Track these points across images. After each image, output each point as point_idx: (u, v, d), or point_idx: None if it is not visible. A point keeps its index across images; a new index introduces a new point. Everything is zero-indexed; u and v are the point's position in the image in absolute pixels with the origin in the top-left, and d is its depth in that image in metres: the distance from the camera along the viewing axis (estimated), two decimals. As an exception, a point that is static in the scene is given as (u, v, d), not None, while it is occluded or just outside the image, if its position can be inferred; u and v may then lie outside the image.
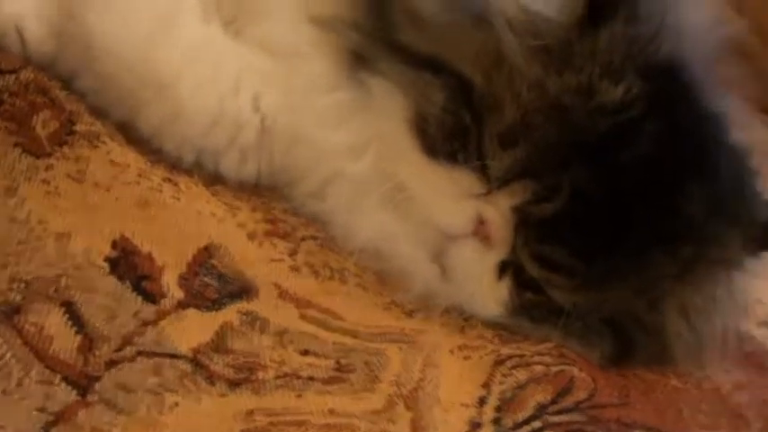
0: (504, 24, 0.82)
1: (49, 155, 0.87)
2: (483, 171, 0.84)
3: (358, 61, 0.89)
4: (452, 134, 0.85)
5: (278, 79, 0.93)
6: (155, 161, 0.93)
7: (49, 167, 0.86)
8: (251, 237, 0.91)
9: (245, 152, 0.95)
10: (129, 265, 0.81)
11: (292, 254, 0.92)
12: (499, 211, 0.84)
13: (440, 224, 0.87)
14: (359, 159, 0.91)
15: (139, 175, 0.89)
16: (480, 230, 0.86)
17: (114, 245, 0.82)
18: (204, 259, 0.85)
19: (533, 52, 0.82)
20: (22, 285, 0.76)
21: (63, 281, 0.77)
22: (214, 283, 0.84)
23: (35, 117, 0.89)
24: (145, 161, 0.92)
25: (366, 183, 0.91)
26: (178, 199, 0.90)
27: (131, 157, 0.91)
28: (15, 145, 0.86)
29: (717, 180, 0.85)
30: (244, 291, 0.85)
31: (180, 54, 0.92)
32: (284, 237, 0.93)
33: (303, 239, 0.94)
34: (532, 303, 0.88)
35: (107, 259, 0.81)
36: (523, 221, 0.83)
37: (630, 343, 0.89)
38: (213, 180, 0.96)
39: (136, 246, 0.83)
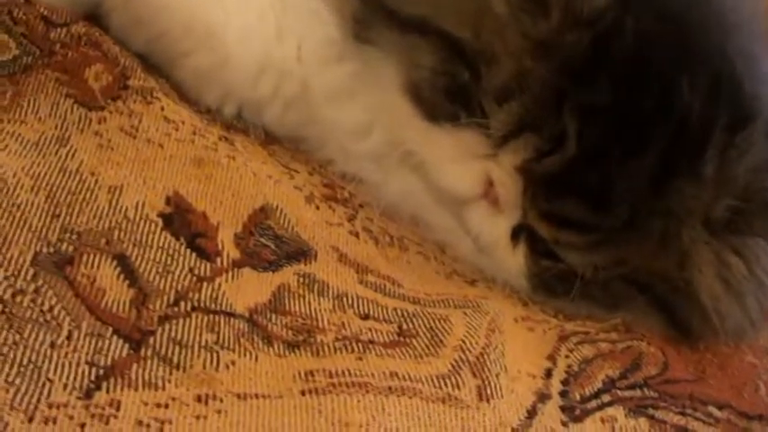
0: None
1: (102, 108, 0.84)
2: (485, 130, 0.80)
3: (358, 29, 0.87)
4: (449, 95, 0.81)
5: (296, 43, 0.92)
6: (210, 120, 0.90)
7: (101, 120, 0.83)
8: (308, 200, 0.87)
9: (289, 103, 0.92)
10: (183, 222, 0.77)
11: (351, 219, 0.88)
12: (506, 171, 0.80)
13: (449, 188, 0.84)
14: (367, 138, 0.90)
15: (194, 133, 0.86)
16: (489, 193, 0.82)
17: (168, 201, 0.78)
18: (260, 220, 0.81)
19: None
20: (74, 236, 0.72)
21: (115, 234, 0.74)
22: (270, 244, 0.80)
23: (87, 70, 0.86)
24: (200, 119, 0.88)
25: (380, 153, 0.89)
26: (233, 158, 0.86)
27: (185, 115, 0.87)
28: (67, 96, 0.83)
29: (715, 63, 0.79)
30: (301, 253, 0.81)
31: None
32: (342, 202, 0.90)
33: (361, 206, 0.90)
34: (549, 272, 0.83)
35: (160, 215, 0.77)
36: (530, 179, 0.80)
37: (670, 308, 0.84)
38: (270, 140, 0.92)
39: (190, 203, 0.79)
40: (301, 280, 0.78)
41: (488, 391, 0.73)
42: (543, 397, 0.76)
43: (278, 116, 0.93)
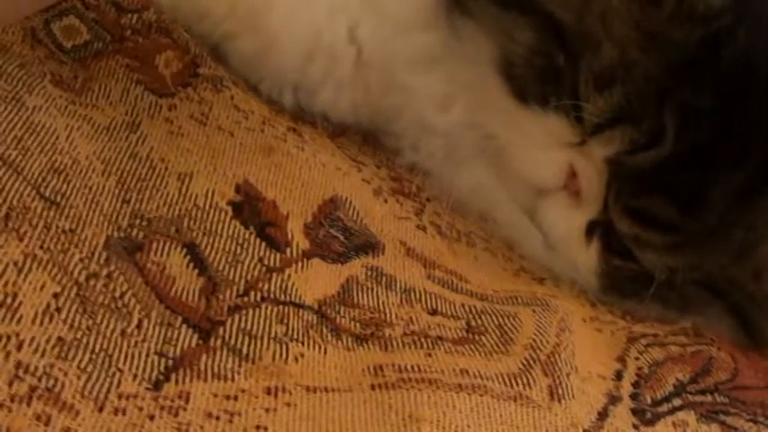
0: None
1: (173, 95, 0.82)
2: (576, 117, 0.77)
3: (453, 1, 0.83)
4: (543, 76, 0.78)
5: (378, 6, 0.87)
6: (278, 110, 0.87)
7: (172, 107, 0.80)
8: (376, 193, 0.85)
9: (341, 87, 0.89)
10: (253, 211, 0.75)
11: (418, 213, 0.86)
12: (592, 162, 0.77)
13: (529, 176, 0.81)
14: (447, 111, 0.85)
15: (263, 123, 0.83)
16: (571, 184, 0.79)
17: (238, 189, 0.76)
18: (330, 211, 0.79)
19: None
20: (144, 223, 0.70)
21: (185, 222, 0.71)
22: (339, 236, 0.77)
23: (158, 56, 0.84)
24: (269, 109, 0.86)
25: (456, 135, 0.85)
26: (302, 149, 0.83)
27: (255, 104, 0.85)
28: (138, 82, 0.81)
29: None
30: (369, 246, 0.78)
31: None
32: (410, 196, 0.87)
33: (429, 200, 0.88)
34: (621, 272, 0.80)
35: (230, 203, 0.75)
36: (617, 173, 0.76)
37: (744, 316, 0.81)
38: (339, 132, 0.90)
39: (260, 192, 0.77)
40: (369, 273, 0.75)
41: (560, 391, 0.70)
42: (614, 399, 0.73)
43: (331, 100, 0.89)
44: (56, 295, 0.61)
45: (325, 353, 0.67)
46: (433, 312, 0.74)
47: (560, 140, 0.78)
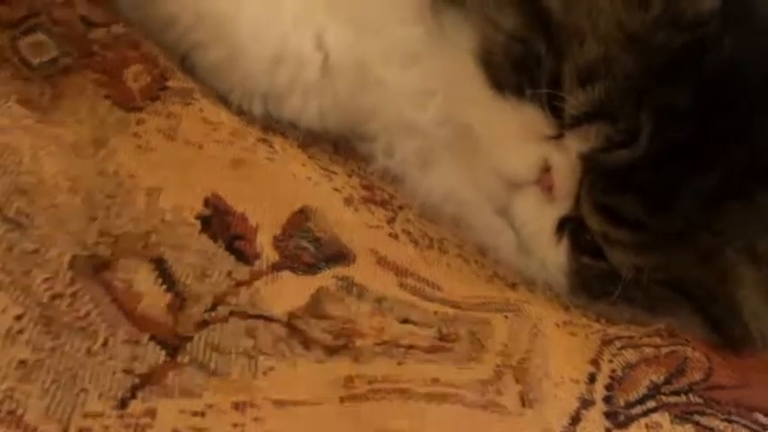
0: None
1: (141, 109, 0.81)
2: (552, 110, 0.76)
3: None
4: (520, 64, 0.77)
5: (347, 9, 0.86)
6: (249, 121, 0.86)
7: (140, 121, 0.80)
8: (347, 202, 0.84)
9: (308, 93, 0.87)
10: (221, 224, 0.74)
11: (390, 221, 0.85)
12: (566, 157, 0.76)
13: (503, 169, 0.80)
14: (424, 108, 0.84)
15: (233, 135, 0.83)
16: (544, 180, 0.78)
17: (206, 203, 0.75)
18: (300, 222, 0.78)
19: None
20: (111, 240, 0.69)
21: (153, 237, 0.71)
22: (310, 247, 0.77)
23: (126, 70, 0.83)
24: (239, 120, 0.85)
25: (432, 134, 0.84)
26: (272, 160, 0.83)
27: (224, 116, 0.84)
28: (106, 97, 0.80)
29: None
30: (340, 256, 0.77)
31: None
32: (382, 204, 0.86)
33: (401, 208, 0.87)
34: (589, 271, 0.79)
35: (199, 217, 0.74)
36: (591, 169, 0.75)
37: (713, 316, 0.80)
38: (310, 141, 0.89)
39: (229, 205, 0.76)
40: (340, 283, 0.75)
41: (531, 397, 0.70)
42: (587, 403, 0.72)
43: (298, 107, 0.88)
44: (18, 317, 0.61)
45: (295, 366, 0.67)
46: (405, 321, 0.73)
47: (536, 133, 0.78)
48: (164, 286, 0.68)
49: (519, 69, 0.77)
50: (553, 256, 0.80)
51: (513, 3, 0.78)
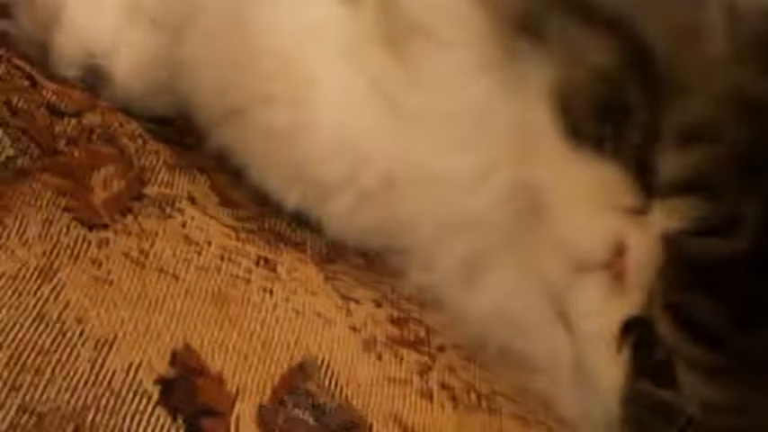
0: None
1: (106, 226, 0.63)
2: (639, 173, 0.62)
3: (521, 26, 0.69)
4: (605, 110, 0.64)
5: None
6: (252, 231, 0.68)
7: (102, 243, 0.62)
8: (368, 345, 0.65)
9: (363, 197, 0.73)
10: (187, 392, 0.56)
11: (424, 371, 0.66)
12: (647, 238, 0.61)
13: (569, 243, 0.64)
14: (482, 189, 0.70)
15: (222, 258, 0.65)
16: (617, 263, 0.62)
17: (174, 359, 0.57)
18: (298, 382, 0.59)
19: (742, 42, 0.61)
20: (34, 419, 0.51)
21: (90, 416, 0.53)
22: (308, 419, 0.58)
23: (96, 173, 0.66)
24: (236, 235, 0.67)
25: (486, 225, 0.69)
26: (270, 292, 0.64)
27: (214, 231, 0.66)
28: (65, 210, 0.63)
29: None
30: (350, 427, 0.59)
31: (330, 50, 0.73)
32: (415, 345, 0.67)
33: (441, 349, 0.67)
34: (646, 400, 0.62)
35: (159, 381, 0.56)
36: (674, 258, 0.60)
37: None
38: (332, 256, 0.71)
39: (203, 361, 0.58)
40: (347, 470, 0.56)
41: None
42: None
43: (345, 211, 0.73)
44: None
45: None
46: None
47: (614, 202, 0.63)
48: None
49: (602, 117, 0.64)
50: (607, 371, 0.63)
51: (608, 36, 0.65)
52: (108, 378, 0.55)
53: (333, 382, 0.61)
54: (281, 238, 0.71)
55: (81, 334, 0.57)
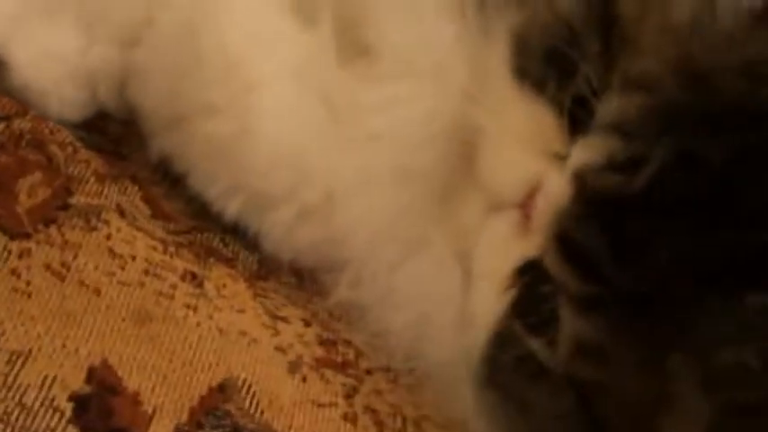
0: None
1: (29, 236, 0.61)
2: (573, 122, 0.61)
3: None
4: (555, 54, 0.63)
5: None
6: (182, 244, 0.67)
7: (24, 253, 0.60)
8: (293, 368, 0.63)
9: (304, 213, 0.71)
10: (102, 410, 0.54)
11: (350, 394, 0.64)
12: (563, 181, 0.60)
13: (491, 180, 0.64)
14: (421, 141, 0.69)
15: (146, 273, 0.63)
16: (528, 205, 0.61)
17: (90, 375, 0.56)
18: (216, 403, 0.58)
19: (703, 14, 0.61)
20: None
21: (-3, 432, 0.51)
22: (225, 441, 0.56)
23: (21, 180, 0.64)
24: (164, 248, 0.65)
25: (419, 183, 0.69)
26: (194, 309, 0.62)
27: (140, 245, 0.64)
28: (-13, 217, 0.61)
29: None
30: (269, 452, 0.57)
31: (277, 61, 0.71)
32: (342, 367, 0.65)
33: (369, 372, 0.66)
34: (513, 348, 0.61)
35: (74, 397, 0.54)
36: (577, 191, 0.59)
37: None
38: (265, 272, 0.69)
39: (120, 378, 0.56)
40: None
41: None
42: None
43: (285, 228, 0.71)
44: None
45: None
46: None
47: (543, 146, 0.62)
48: None
49: (551, 60, 0.63)
50: (489, 306, 0.62)
51: None
52: (20, 392, 0.53)
53: (254, 404, 0.59)
54: (212, 252, 0.69)
55: (-6, 346, 0.55)
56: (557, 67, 0.63)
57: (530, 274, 0.61)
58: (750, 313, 0.55)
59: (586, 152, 0.60)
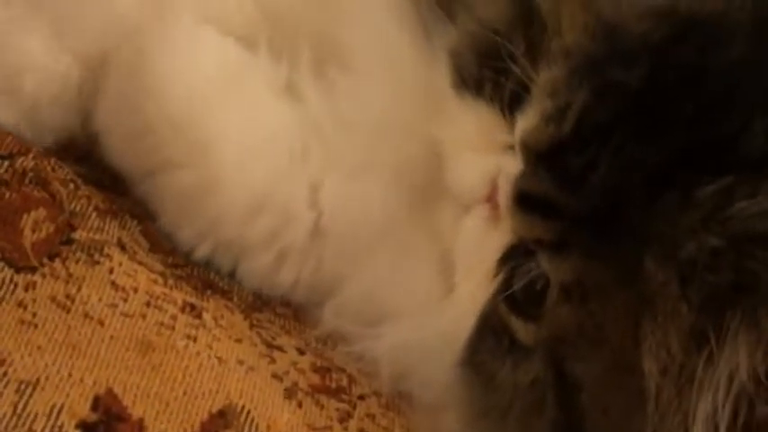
0: None
1: (34, 269, 0.63)
2: (513, 111, 0.65)
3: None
4: (487, 56, 0.66)
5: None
6: (181, 277, 0.69)
7: (29, 286, 0.62)
8: (289, 394, 0.65)
9: (286, 255, 0.73)
10: (108, 437, 0.56)
11: (344, 419, 0.66)
12: (516, 162, 0.63)
13: (453, 186, 0.68)
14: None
15: (147, 305, 0.64)
16: (494, 195, 0.65)
17: (96, 404, 0.57)
18: (216, 429, 0.59)
19: None
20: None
21: (5, 463, 0.53)
22: (225, 465, 0.58)
23: (26, 216, 0.66)
24: (163, 281, 0.67)
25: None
26: (194, 339, 0.64)
27: (142, 279, 0.66)
28: (-6, 250, 0.63)
29: None
30: (267, 474, 0.59)
31: (236, 112, 0.72)
32: (336, 393, 0.67)
33: (362, 398, 0.68)
34: (495, 324, 0.64)
35: (81, 425, 0.56)
36: (523, 152, 0.63)
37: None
38: (260, 304, 0.71)
39: (124, 407, 0.58)
40: None
41: None
42: None
43: (268, 269, 0.73)
44: None
45: None
46: None
47: (493, 141, 0.66)
48: None
49: (484, 63, 0.67)
50: (477, 297, 0.65)
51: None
52: (30, 421, 0.55)
53: (252, 429, 0.61)
54: (209, 285, 0.71)
55: (4, 375, 0.56)
56: (490, 70, 0.66)
57: (512, 260, 0.63)
58: (703, 201, 0.57)
59: (525, 121, 0.63)
